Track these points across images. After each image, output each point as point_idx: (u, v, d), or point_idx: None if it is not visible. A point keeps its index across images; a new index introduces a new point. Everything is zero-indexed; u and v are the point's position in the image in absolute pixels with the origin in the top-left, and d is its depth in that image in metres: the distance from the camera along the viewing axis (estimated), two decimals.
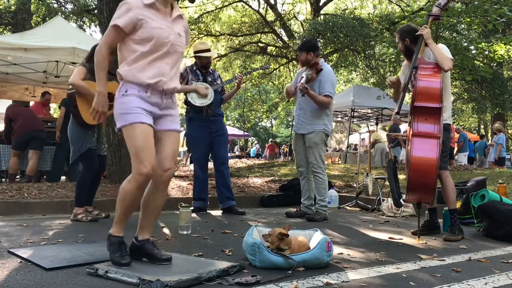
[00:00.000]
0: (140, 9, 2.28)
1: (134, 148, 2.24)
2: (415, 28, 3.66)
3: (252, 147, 32.16)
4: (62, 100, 6.86)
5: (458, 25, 9.21)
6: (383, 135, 13.45)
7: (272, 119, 37.90)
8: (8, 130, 6.62)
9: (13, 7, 15.41)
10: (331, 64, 14.91)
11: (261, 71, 17.75)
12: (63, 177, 7.22)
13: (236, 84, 4.83)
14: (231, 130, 26.18)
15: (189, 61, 8.01)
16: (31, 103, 10.01)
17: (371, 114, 16.16)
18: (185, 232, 3.37)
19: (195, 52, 4.69)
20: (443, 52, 3.45)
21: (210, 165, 5.17)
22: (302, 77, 4.41)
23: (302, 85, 4.25)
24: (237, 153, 28.20)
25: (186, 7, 15.94)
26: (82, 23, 17.33)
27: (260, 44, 18.28)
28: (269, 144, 25.29)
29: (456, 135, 12.15)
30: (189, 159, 12.68)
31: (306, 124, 4.47)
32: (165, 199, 2.48)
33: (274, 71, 19.19)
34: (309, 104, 4.43)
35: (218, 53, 17.52)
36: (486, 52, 9.35)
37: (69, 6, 17.14)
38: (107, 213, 4.18)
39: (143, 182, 2.25)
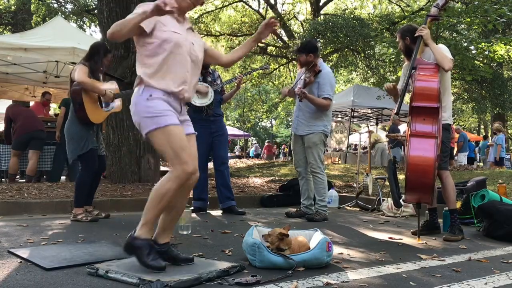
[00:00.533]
0: None
1: (174, 149, 2.20)
2: (416, 27, 3.66)
3: (251, 147, 32.14)
4: (62, 100, 6.87)
5: (458, 25, 9.21)
6: (383, 135, 13.45)
7: (272, 119, 37.90)
8: (8, 130, 6.62)
9: (13, 7, 15.42)
10: (331, 64, 14.94)
11: (261, 71, 17.80)
12: (63, 177, 7.23)
13: (236, 84, 4.83)
14: (231, 130, 26.20)
15: None
16: (31, 103, 10.01)
17: (371, 114, 16.16)
18: (185, 232, 3.37)
19: None
20: (443, 52, 3.45)
21: (210, 165, 5.17)
22: (301, 79, 4.41)
23: (300, 90, 4.26)
24: (237, 153, 28.22)
25: None
26: (82, 23, 17.36)
27: (260, 44, 18.27)
28: (266, 144, 25.22)
29: (456, 135, 12.15)
30: None
31: (305, 126, 4.47)
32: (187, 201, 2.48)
33: (274, 71, 19.21)
34: (308, 106, 4.42)
35: None
36: (486, 52, 9.34)
37: (69, 6, 17.16)
38: (107, 213, 4.18)
39: (186, 182, 2.24)
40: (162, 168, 6.91)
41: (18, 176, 7.09)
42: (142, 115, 2.24)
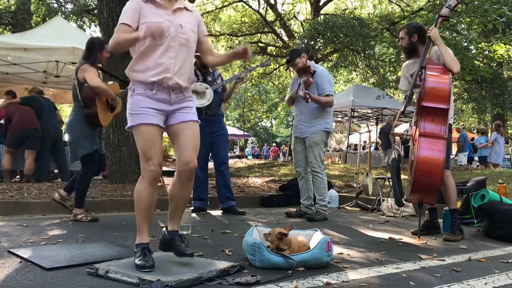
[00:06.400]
0: (139, 4, 2.30)
1: (141, 148, 2.28)
2: (423, 26, 3.66)
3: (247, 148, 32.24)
4: (26, 97, 6.90)
5: (458, 25, 9.20)
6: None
7: (272, 119, 37.92)
8: (7, 128, 6.61)
9: (13, 7, 15.44)
10: (331, 64, 14.95)
11: (261, 70, 17.80)
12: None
13: (234, 83, 4.82)
14: (231, 130, 26.27)
15: None
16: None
17: (371, 114, 16.16)
18: (185, 232, 3.37)
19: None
20: (452, 54, 3.43)
21: (210, 165, 5.17)
22: (300, 84, 4.48)
23: (304, 93, 4.31)
24: (236, 153, 28.35)
25: None
26: (82, 23, 17.36)
27: (260, 44, 18.30)
28: (273, 147, 27.31)
29: (456, 135, 12.18)
30: None
31: (308, 127, 4.48)
32: (190, 193, 2.47)
33: (274, 71, 19.21)
34: (309, 107, 4.46)
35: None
36: (486, 52, 9.33)
37: (69, 6, 17.17)
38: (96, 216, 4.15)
39: (153, 180, 2.29)
40: (164, 168, 6.91)
41: (18, 177, 7.09)
42: (127, 111, 2.34)
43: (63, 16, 14.90)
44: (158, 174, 2.31)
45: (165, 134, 2.49)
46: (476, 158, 12.09)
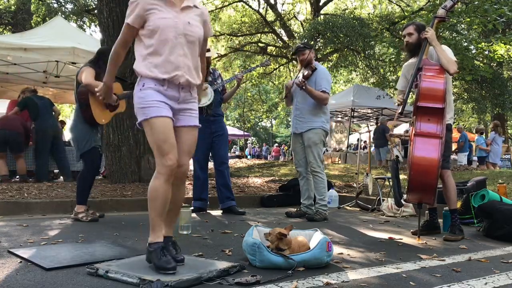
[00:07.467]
0: (146, 2, 2.27)
1: (156, 142, 2.22)
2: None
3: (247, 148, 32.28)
4: (22, 99, 6.87)
5: (458, 25, 9.20)
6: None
7: (272, 119, 37.92)
8: None
9: (13, 7, 15.45)
10: (331, 64, 14.93)
11: (261, 70, 17.79)
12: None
13: (236, 83, 4.85)
14: (231, 130, 26.30)
15: None
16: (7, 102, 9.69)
17: (371, 114, 16.16)
18: (185, 232, 3.37)
19: None
20: (449, 55, 3.44)
21: (210, 165, 5.17)
22: (298, 76, 4.56)
23: (300, 81, 4.40)
24: (236, 153, 28.41)
25: None
26: (82, 23, 17.37)
27: (260, 44, 18.28)
28: (275, 148, 27.93)
29: (457, 135, 12.21)
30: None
31: (304, 123, 4.51)
32: (184, 195, 2.46)
33: (274, 71, 19.20)
34: (306, 103, 4.49)
35: (218, 53, 17.54)
36: (486, 52, 9.32)
37: (69, 6, 17.16)
38: (102, 213, 4.17)
39: (170, 175, 2.23)
40: None
41: (18, 177, 7.09)
42: (136, 105, 2.29)
43: (63, 16, 14.91)
44: (175, 170, 2.26)
45: None
46: (475, 158, 12.16)
